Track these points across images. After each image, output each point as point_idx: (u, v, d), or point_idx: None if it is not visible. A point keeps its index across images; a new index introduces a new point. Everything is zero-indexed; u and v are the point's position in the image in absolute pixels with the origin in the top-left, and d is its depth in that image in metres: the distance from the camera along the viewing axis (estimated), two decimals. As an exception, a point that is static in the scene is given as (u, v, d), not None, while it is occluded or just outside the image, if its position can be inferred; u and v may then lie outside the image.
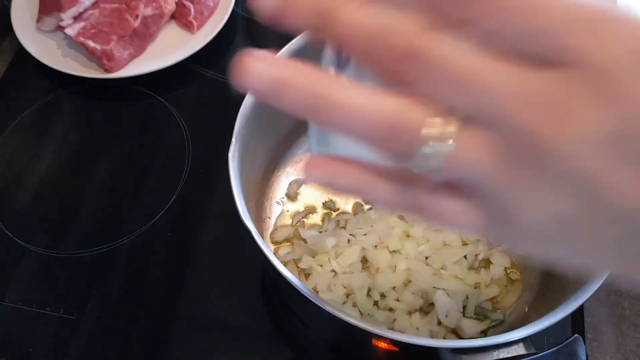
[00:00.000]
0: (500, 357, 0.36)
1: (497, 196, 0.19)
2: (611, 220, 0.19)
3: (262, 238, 0.39)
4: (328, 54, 0.22)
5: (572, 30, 0.18)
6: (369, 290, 0.47)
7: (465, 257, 0.49)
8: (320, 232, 0.51)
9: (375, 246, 0.49)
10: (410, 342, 0.36)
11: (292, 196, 0.54)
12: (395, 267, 0.48)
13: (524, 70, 0.18)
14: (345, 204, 0.54)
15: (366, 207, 0.53)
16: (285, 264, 0.49)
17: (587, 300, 0.37)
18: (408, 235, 0.50)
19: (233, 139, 0.42)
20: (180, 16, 0.66)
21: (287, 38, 0.48)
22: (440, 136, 0.18)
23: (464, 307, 0.47)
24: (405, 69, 0.19)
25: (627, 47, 0.18)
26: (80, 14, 0.64)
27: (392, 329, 0.46)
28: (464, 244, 0.50)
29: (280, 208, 0.54)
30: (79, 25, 0.63)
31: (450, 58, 0.18)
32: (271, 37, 0.71)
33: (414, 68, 0.19)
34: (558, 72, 0.18)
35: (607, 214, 0.19)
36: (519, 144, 0.18)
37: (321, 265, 0.49)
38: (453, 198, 0.20)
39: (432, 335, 0.46)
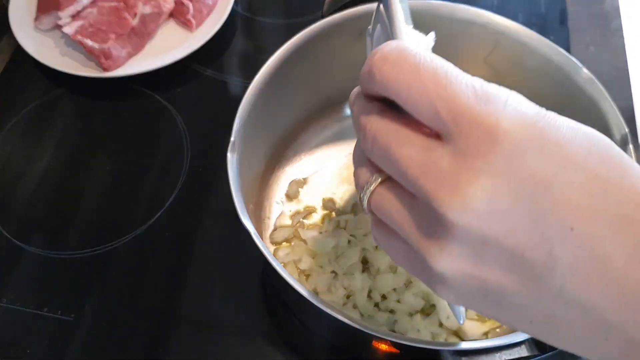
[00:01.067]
0: (503, 359, 0.36)
1: (411, 243, 0.23)
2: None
3: (262, 239, 0.39)
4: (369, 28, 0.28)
5: (470, 102, 0.20)
6: (369, 291, 0.47)
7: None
8: (320, 233, 0.51)
9: (376, 247, 0.49)
10: (411, 344, 0.36)
11: (291, 196, 0.54)
12: (396, 268, 0.48)
13: (425, 142, 0.21)
14: (346, 202, 0.53)
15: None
16: (284, 264, 0.49)
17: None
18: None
19: (232, 138, 0.42)
20: (178, 14, 0.66)
21: (284, 38, 0.48)
22: (367, 188, 0.24)
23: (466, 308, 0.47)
24: (364, 146, 0.24)
25: (507, 126, 0.19)
26: (78, 12, 0.64)
27: (393, 330, 0.46)
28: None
29: (279, 208, 0.53)
30: (77, 23, 0.62)
31: (379, 137, 0.23)
32: (270, 36, 0.72)
33: (365, 143, 0.24)
34: (450, 146, 0.20)
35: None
36: (420, 205, 0.22)
37: (321, 267, 0.48)
38: (395, 238, 0.24)
39: (434, 337, 0.45)
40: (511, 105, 0.20)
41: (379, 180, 0.24)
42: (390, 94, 0.22)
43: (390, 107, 0.23)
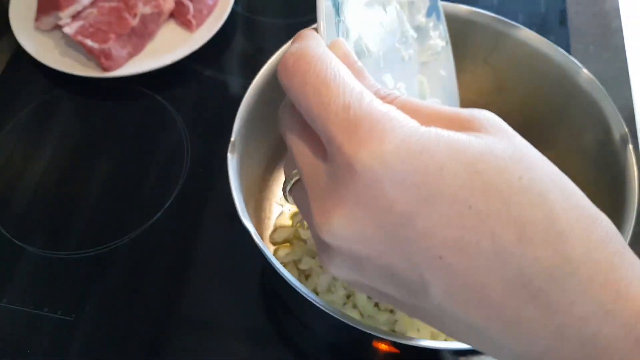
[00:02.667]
0: (503, 359, 0.36)
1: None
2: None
3: (262, 239, 0.39)
4: None
5: (339, 127, 0.20)
6: (369, 291, 0.47)
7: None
8: (320, 233, 0.51)
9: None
10: (411, 344, 0.36)
11: (291, 196, 0.54)
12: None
13: (314, 155, 0.22)
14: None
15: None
16: (285, 264, 0.49)
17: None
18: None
19: (232, 138, 0.42)
20: (179, 15, 0.66)
21: (285, 38, 0.48)
22: (288, 181, 0.25)
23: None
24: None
25: (365, 157, 0.19)
26: (79, 12, 0.64)
27: (393, 330, 0.46)
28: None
29: (279, 208, 0.54)
30: (77, 24, 0.63)
31: (287, 138, 0.23)
32: (270, 36, 0.72)
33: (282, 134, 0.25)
34: (327, 166, 0.21)
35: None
36: (306, 213, 0.22)
37: (321, 266, 0.48)
38: None
39: (434, 337, 0.45)
40: (376, 134, 0.19)
41: (297, 178, 0.24)
42: (290, 99, 0.22)
43: None
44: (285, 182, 0.25)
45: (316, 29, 0.25)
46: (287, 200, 0.26)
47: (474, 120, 0.20)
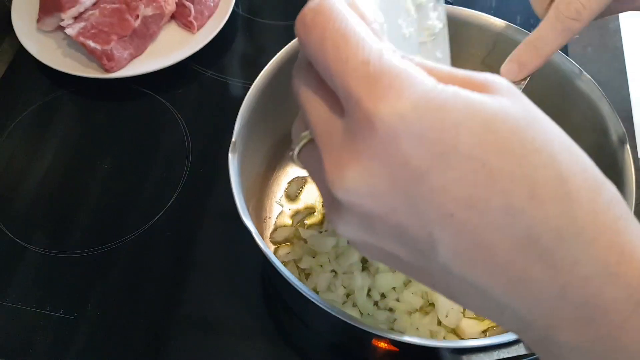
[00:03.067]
0: (501, 357, 0.36)
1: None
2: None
3: (262, 238, 0.39)
4: None
5: (358, 82, 0.20)
6: (369, 290, 0.47)
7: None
8: (321, 232, 0.51)
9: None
10: (410, 342, 0.36)
11: (292, 196, 0.54)
12: (396, 267, 0.48)
13: (330, 110, 0.22)
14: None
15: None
16: (285, 264, 0.49)
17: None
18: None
19: (233, 139, 0.42)
20: (180, 16, 0.66)
21: (285, 39, 0.48)
22: (298, 143, 0.25)
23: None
24: (293, 95, 0.25)
25: (384, 111, 0.19)
26: (81, 14, 0.64)
27: (392, 329, 0.46)
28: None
29: (280, 208, 0.54)
30: (79, 25, 0.63)
31: (300, 96, 0.23)
32: (271, 37, 0.72)
33: (294, 96, 0.24)
34: (344, 121, 0.21)
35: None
36: (320, 171, 0.22)
37: (321, 266, 0.49)
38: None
39: (433, 336, 0.46)
40: (397, 88, 0.19)
41: (308, 138, 0.24)
42: (307, 56, 0.22)
43: None
44: (294, 144, 0.25)
45: None
46: (295, 162, 0.25)
47: (487, 83, 0.21)
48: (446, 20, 0.45)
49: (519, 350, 0.36)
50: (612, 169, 0.44)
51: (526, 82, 0.40)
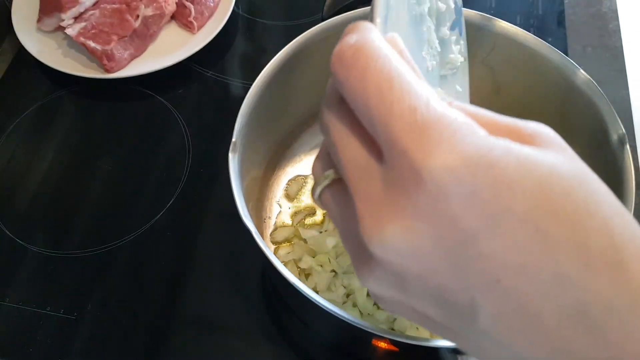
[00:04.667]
0: (500, 357, 0.36)
1: (348, 251, 0.22)
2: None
3: (262, 238, 0.39)
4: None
5: (404, 130, 0.18)
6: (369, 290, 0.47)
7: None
8: (321, 232, 0.51)
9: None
10: (410, 342, 0.36)
11: (292, 196, 0.54)
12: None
13: (367, 155, 0.20)
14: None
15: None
16: (285, 264, 0.49)
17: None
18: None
19: (233, 139, 0.42)
20: (180, 16, 0.66)
21: (285, 39, 0.48)
22: (321, 182, 0.23)
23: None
24: (321, 131, 0.23)
25: (435, 166, 0.18)
26: (81, 14, 0.64)
27: (392, 329, 0.46)
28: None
29: (280, 208, 0.54)
30: (80, 25, 0.63)
31: (332, 133, 0.21)
32: (271, 37, 0.72)
33: (323, 133, 0.23)
34: (384, 170, 0.19)
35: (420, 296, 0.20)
36: (348, 218, 0.21)
37: (321, 265, 0.49)
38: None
39: (432, 335, 0.46)
40: (448, 141, 0.18)
41: (332, 178, 0.22)
42: (343, 96, 0.20)
43: None
44: (316, 184, 0.23)
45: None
46: (315, 203, 0.24)
47: (535, 134, 0.19)
48: (467, 54, 0.45)
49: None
50: (612, 169, 0.44)
51: None
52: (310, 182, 0.55)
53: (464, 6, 0.51)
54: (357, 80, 0.19)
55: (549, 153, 0.19)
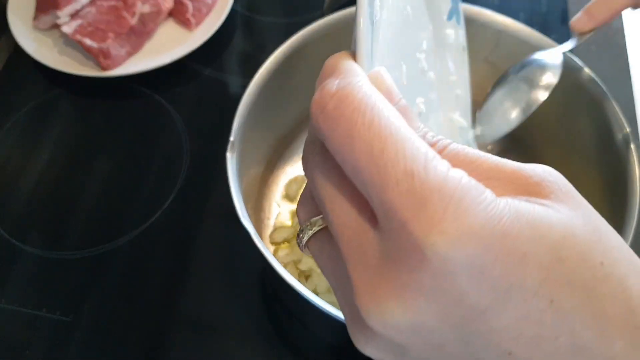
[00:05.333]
0: None
1: (341, 308, 0.20)
2: None
3: (261, 239, 0.38)
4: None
5: (401, 200, 0.16)
6: (369, 291, 0.47)
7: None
8: (320, 233, 0.50)
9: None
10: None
11: (291, 196, 0.54)
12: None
13: (359, 218, 0.18)
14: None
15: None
16: (284, 265, 0.49)
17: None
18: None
19: (231, 138, 0.42)
20: (178, 14, 0.66)
21: (284, 37, 0.48)
22: (307, 229, 0.21)
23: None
24: (306, 177, 0.20)
25: (439, 242, 0.16)
26: (77, 11, 0.63)
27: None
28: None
29: (279, 209, 0.53)
30: (76, 23, 0.62)
31: (317, 186, 0.19)
32: (270, 35, 0.71)
33: (307, 176, 0.20)
34: (380, 239, 0.17)
35: None
36: (339, 275, 0.19)
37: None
38: None
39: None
40: (454, 213, 0.16)
41: (319, 226, 0.20)
42: (328, 149, 0.18)
43: None
44: (302, 231, 0.21)
45: (350, 53, 0.21)
46: (302, 250, 0.22)
47: (543, 183, 0.18)
48: (466, 44, 0.45)
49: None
50: (617, 168, 0.44)
51: (590, 35, 0.43)
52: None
53: (466, 2, 0.50)
54: (344, 137, 0.17)
55: (560, 209, 0.17)
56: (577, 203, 0.18)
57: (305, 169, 0.20)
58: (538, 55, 0.46)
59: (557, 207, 0.17)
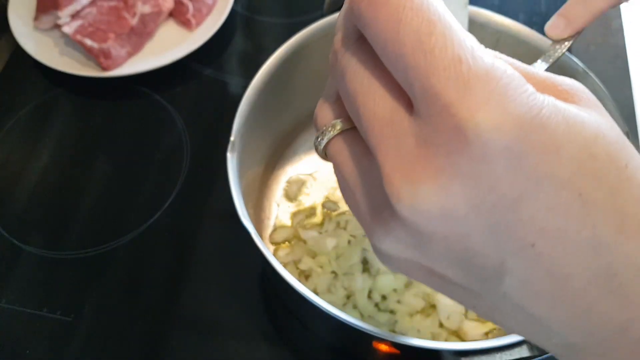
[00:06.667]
0: (504, 359, 0.36)
1: (358, 210, 0.20)
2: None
3: (262, 239, 0.38)
4: None
5: (447, 83, 0.16)
6: (369, 292, 0.47)
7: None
8: (320, 233, 0.51)
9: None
10: (411, 344, 0.36)
11: (291, 196, 0.54)
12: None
13: (395, 107, 0.18)
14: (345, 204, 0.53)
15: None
16: (284, 265, 0.49)
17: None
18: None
19: (232, 138, 0.42)
20: (178, 14, 0.66)
21: (285, 37, 0.48)
22: (326, 131, 0.21)
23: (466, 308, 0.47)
24: (333, 76, 0.20)
25: (482, 125, 0.16)
26: (78, 12, 0.63)
27: (393, 331, 0.46)
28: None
29: (279, 208, 0.53)
30: (77, 23, 0.62)
31: (348, 78, 0.19)
32: (270, 35, 0.71)
33: (335, 78, 0.20)
34: (417, 125, 0.17)
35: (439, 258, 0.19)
36: (374, 174, 0.19)
37: (321, 267, 0.48)
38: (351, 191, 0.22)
39: (434, 338, 0.45)
40: (497, 98, 0.16)
41: (341, 127, 0.20)
42: (367, 38, 0.18)
43: None
44: (322, 133, 0.21)
45: None
46: (319, 154, 0.21)
47: (572, 91, 0.18)
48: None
49: (522, 352, 0.36)
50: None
51: (570, 44, 0.36)
52: (310, 182, 0.54)
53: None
54: (389, 21, 0.17)
55: (592, 113, 0.18)
56: (604, 112, 0.18)
57: (333, 65, 0.20)
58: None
59: (589, 111, 0.18)
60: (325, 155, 0.21)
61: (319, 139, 0.21)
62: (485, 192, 0.17)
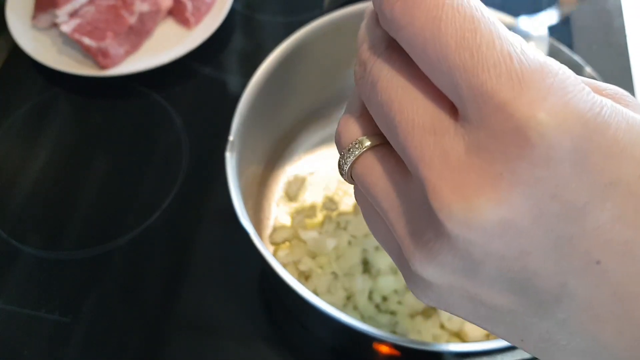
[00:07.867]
0: (505, 361, 0.35)
1: (394, 235, 0.18)
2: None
3: (261, 239, 0.38)
4: None
5: (500, 80, 0.15)
6: (370, 292, 0.47)
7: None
8: (320, 234, 0.50)
9: (377, 248, 0.48)
10: (412, 346, 0.36)
11: (291, 196, 0.53)
12: (397, 269, 0.47)
13: (437, 114, 0.16)
14: (346, 202, 0.53)
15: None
16: (284, 265, 0.49)
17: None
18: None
19: (230, 138, 0.42)
20: (177, 12, 0.66)
21: (284, 35, 0.47)
22: (352, 149, 0.19)
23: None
24: (361, 88, 0.18)
25: (546, 125, 0.14)
26: (76, 10, 0.63)
27: (394, 332, 0.46)
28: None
29: (279, 209, 0.53)
30: (75, 22, 0.62)
31: (382, 88, 0.17)
32: (269, 34, 0.71)
33: (364, 90, 0.18)
34: (466, 132, 0.15)
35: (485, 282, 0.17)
36: (414, 192, 0.17)
37: (321, 267, 0.48)
38: (378, 216, 0.19)
39: (435, 339, 0.45)
40: (558, 93, 0.14)
41: (370, 144, 0.18)
42: (401, 43, 0.16)
43: None
44: (348, 151, 0.19)
45: None
46: (345, 178, 0.19)
47: (619, 96, 0.17)
48: None
49: (523, 354, 0.36)
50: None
51: (574, 7, 0.35)
52: (310, 182, 0.54)
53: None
54: (427, 22, 0.15)
55: None
56: None
57: (361, 77, 0.18)
58: (522, 26, 0.44)
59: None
60: (351, 177, 0.19)
61: (345, 158, 0.19)
62: (548, 201, 0.15)
